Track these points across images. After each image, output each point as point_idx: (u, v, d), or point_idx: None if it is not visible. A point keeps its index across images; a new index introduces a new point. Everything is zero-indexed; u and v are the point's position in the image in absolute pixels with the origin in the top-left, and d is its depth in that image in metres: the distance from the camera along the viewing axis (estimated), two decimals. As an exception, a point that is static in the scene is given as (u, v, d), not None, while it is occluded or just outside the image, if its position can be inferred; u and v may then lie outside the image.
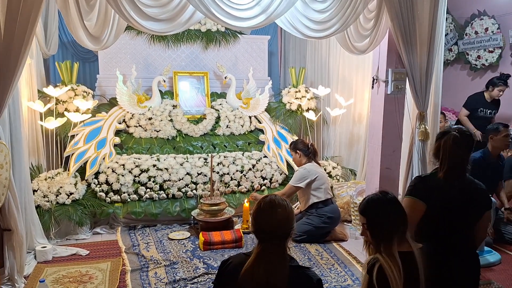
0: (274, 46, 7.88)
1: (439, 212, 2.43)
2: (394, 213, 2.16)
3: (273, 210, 1.98)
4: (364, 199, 2.31)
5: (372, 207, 2.22)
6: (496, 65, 7.68)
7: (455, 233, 2.49)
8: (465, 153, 2.55)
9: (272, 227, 1.94)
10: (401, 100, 4.56)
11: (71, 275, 3.95)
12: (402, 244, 2.12)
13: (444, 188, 2.47)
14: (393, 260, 2.03)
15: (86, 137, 5.38)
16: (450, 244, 2.48)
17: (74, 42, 6.56)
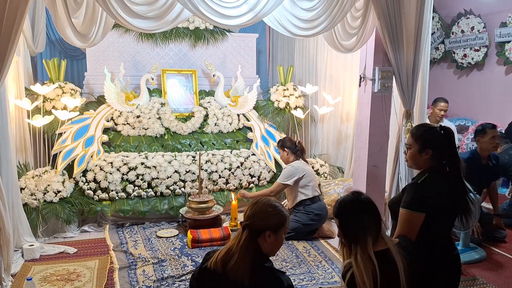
0: (262, 44, 7.89)
1: (439, 215, 2.41)
2: (367, 215, 2.16)
3: (261, 204, 2.10)
4: (337, 201, 2.31)
5: (344, 209, 2.21)
6: (482, 63, 7.77)
7: (447, 229, 2.53)
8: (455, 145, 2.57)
9: (250, 216, 2.07)
10: (388, 98, 4.60)
11: (58, 273, 3.94)
12: (378, 243, 2.13)
13: (444, 189, 2.44)
14: (368, 263, 2.04)
15: (73, 135, 5.36)
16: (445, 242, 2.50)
17: (62, 39, 6.48)
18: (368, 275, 2.01)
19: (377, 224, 2.16)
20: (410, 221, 2.41)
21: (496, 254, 4.52)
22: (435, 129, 2.55)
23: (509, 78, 7.32)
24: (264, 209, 2.07)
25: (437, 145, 2.48)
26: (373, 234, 2.12)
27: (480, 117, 7.57)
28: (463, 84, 8.24)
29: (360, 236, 2.10)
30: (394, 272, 2.07)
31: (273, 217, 2.07)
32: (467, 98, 8.09)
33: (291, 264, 4.21)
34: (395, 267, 2.06)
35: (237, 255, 1.98)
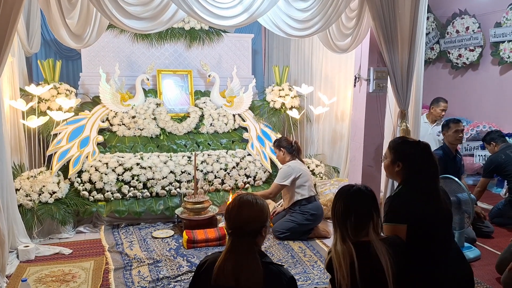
0: (258, 45, 7.90)
1: (422, 226, 2.43)
2: (352, 203, 2.22)
3: (240, 209, 2.08)
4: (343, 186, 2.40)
5: (340, 194, 2.30)
6: (476, 63, 7.81)
7: (438, 242, 2.50)
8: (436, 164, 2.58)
9: (240, 224, 2.03)
10: (383, 99, 4.62)
11: (54, 274, 3.93)
12: (364, 234, 2.17)
13: (419, 202, 2.47)
14: (347, 250, 2.09)
15: (69, 135, 5.35)
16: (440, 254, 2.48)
17: (57, 40, 6.49)
18: (346, 261, 2.05)
19: (367, 216, 2.20)
20: (392, 234, 2.44)
21: (490, 253, 4.54)
22: (410, 143, 2.60)
23: (504, 78, 7.36)
24: (251, 210, 2.07)
25: (409, 158, 2.53)
26: (358, 224, 2.16)
27: (475, 117, 7.60)
28: (458, 84, 8.27)
29: (344, 223, 2.16)
30: (378, 267, 2.08)
31: (262, 213, 2.08)
32: (462, 98, 8.12)
33: (287, 264, 4.21)
34: (380, 262, 2.08)
35: (248, 264, 1.97)
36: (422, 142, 2.60)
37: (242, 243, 2.01)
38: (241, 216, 2.05)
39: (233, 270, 1.96)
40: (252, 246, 2.02)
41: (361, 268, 2.06)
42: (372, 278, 2.08)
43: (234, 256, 1.99)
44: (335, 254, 2.11)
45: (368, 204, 2.23)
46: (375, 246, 2.12)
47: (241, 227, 2.03)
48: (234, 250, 2.00)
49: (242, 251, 2.00)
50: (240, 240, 2.02)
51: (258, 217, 2.06)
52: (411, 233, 2.40)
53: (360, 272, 2.05)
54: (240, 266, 1.96)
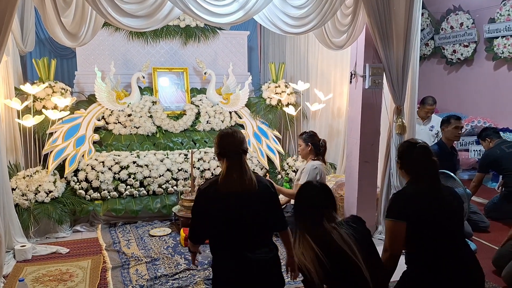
0: (253, 42, 7.89)
1: (422, 224, 2.46)
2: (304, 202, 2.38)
3: (235, 134, 2.59)
4: None
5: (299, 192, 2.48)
6: (471, 59, 7.83)
7: (446, 239, 2.51)
8: (435, 160, 2.62)
9: (235, 146, 2.53)
10: (379, 95, 4.63)
11: (51, 274, 3.92)
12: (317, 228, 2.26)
13: (422, 198, 2.50)
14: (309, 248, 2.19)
15: (64, 134, 5.34)
16: (446, 252, 2.49)
17: (52, 38, 6.45)
18: (308, 258, 2.16)
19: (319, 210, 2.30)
20: (392, 230, 2.49)
21: (486, 247, 4.57)
22: (407, 142, 2.73)
23: (498, 73, 7.38)
24: (238, 136, 2.59)
25: (403, 156, 2.64)
26: (313, 220, 2.27)
27: (469, 112, 7.62)
28: (453, 80, 8.29)
29: (299, 220, 2.33)
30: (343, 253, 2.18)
31: (245, 138, 2.62)
32: (456, 93, 8.15)
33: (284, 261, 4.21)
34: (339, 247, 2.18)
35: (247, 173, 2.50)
36: (420, 143, 2.65)
37: (239, 159, 2.51)
38: (235, 139, 2.55)
39: (239, 179, 2.46)
40: (245, 161, 2.54)
41: (328, 257, 2.16)
42: (342, 265, 2.16)
43: (236, 168, 2.48)
44: (297, 257, 2.24)
45: (318, 199, 2.34)
46: (333, 235, 2.22)
47: (236, 147, 2.53)
48: (233, 165, 2.49)
49: (241, 164, 2.50)
50: (236, 157, 2.51)
51: (245, 139, 2.62)
52: (411, 231, 2.44)
53: (328, 262, 2.15)
54: (242, 174, 2.47)
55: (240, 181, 2.46)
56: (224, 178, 2.47)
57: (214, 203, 2.49)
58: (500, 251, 4.05)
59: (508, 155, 5.29)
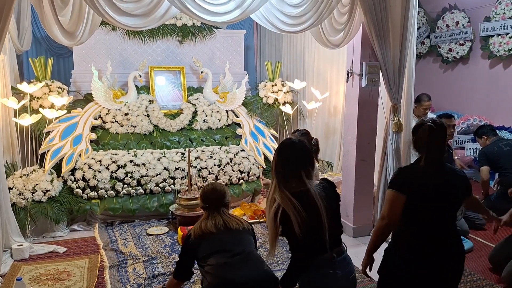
0: (250, 41, 7.90)
1: (420, 201, 2.50)
2: (294, 157, 2.39)
3: (214, 190, 2.91)
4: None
5: (277, 153, 2.46)
6: (467, 57, 7.86)
7: (438, 221, 2.55)
8: (441, 141, 2.63)
9: (216, 201, 2.87)
10: (375, 93, 4.65)
11: (48, 273, 3.92)
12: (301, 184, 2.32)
13: (424, 177, 2.54)
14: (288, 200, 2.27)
15: (61, 133, 5.33)
16: (434, 234, 2.54)
17: (48, 37, 6.46)
18: (292, 209, 2.23)
19: (297, 165, 2.36)
20: (391, 201, 2.54)
21: (482, 245, 4.59)
22: (420, 123, 2.69)
23: (493, 71, 7.41)
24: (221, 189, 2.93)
25: (414, 135, 2.67)
26: (290, 173, 2.34)
27: (465, 110, 7.65)
28: (449, 78, 8.32)
29: (278, 173, 2.37)
30: (315, 210, 2.27)
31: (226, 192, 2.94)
32: (452, 91, 8.18)
33: (282, 259, 4.23)
34: (316, 205, 2.27)
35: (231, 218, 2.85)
36: (427, 123, 2.64)
37: (220, 212, 2.84)
38: (216, 194, 2.89)
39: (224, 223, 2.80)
40: (227, 209, 2.90)
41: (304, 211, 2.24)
42: (312, 221, 2.25)
43: (216, 219, 2.81)
44: (282, 200, 2.28)
45: (299, 155, 2.39)
46: (311, 191, 2.30)
47: (217, 202, 2.86)
48: (214, 217, 2.81)
49: (221, 216, 2.83)
50: (218, 211, 2.84)
51: (226, 193, 2.92)
52: (409, 205, 2.50)
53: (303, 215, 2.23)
54: (225, 219, 2.82)
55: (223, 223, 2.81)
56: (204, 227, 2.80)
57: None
58: (495, 249, 4.07)
59: (506, 153, 5.31)
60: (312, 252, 2.32)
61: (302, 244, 2.28)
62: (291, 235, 2.28)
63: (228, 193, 2.94)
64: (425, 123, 2.65)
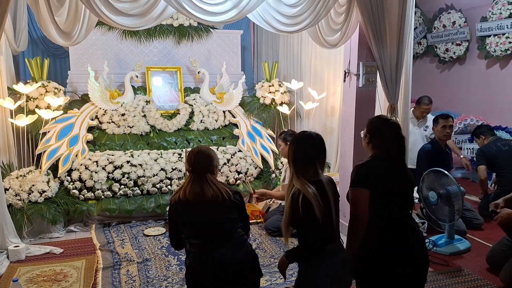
0: (247, 41, 7.89)
1: (383, 194, 2.55)
2: (311, 148, 2.51)
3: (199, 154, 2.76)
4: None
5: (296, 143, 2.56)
6: (463, 58, 7.87)
7: (400, 213, 2.63)
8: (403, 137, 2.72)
9: (201, 164, 2.73)
10: (373, 93, 4.64)
11: (45, 274, 3.91)
12: (315, 175, 2.46)
13: (385, 171, 2.60)
14: (308, 187, 2.38)
15: (58, 134, 5.31)
16: (399, 225, 2.61)
17: (44, 38, 6.47)
18: (312, 195, 2.36)
19: (318, 159, 2.49)
20: (357, 198, 2.58)
21: (480, 245, 4.59)
22: (381, 118, 2.80)
23: (490, 71, 7.42)
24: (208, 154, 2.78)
25: (376, 132, 2.69)
26: (307, 164, 2.47)
27: (462, 110, 7.66)
28: (445, 78, 8.33)
29: (296, 162, 2.48)
30: (327, 200, 2.41)
31: (213, 157, 2.80)
32: (449, 91, 8.19)
33: (279, 259, 4.22)
34: (327, 195, 2.42)
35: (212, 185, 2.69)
36: (393, 120, 2.78)
37: (203, 178, 2.69)
38: (201, 158, 2.73)
39: (200, 188, 2.66)
40: (213, 176, 2.75)
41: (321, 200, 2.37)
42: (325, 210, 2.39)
43: (198, 184, 2.67)
44: (302, 186, 2.38)
45: (315, 147, 2.51)
46: (324, 182, 2.45)
47: (201, 166, 2.71)
48: (197, 182, 2.68)
49: (204, 181, 2.68)
50: (201, 176, 2.69)
51: (212, 159, 2.77)
52: (374, 199, 2.54)
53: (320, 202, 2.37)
54: (203, 190, 2.66)
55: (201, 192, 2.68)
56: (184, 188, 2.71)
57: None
58: (493, 249, 4.08)
59: (504, 153, 5.31)
60: (325, 239, 2.44)
61: (320, 230, 2.39)
62: (310, 220, 2.37)
63: (215, 157, 2.80)
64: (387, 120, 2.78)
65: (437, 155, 4.92)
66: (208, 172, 2.72)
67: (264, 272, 3.87)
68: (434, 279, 3.85)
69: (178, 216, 2.71)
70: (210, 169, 2.75)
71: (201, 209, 2.65)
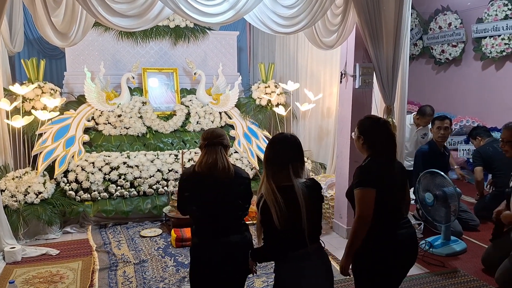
0: (243, 42, 7.90)
1: (386, 193, 2.60)
2: (285, 150, 2.47)
3: (214, 130, 2.84)
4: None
5: (270, 144, 2.55)
6: (459, 59, 7.89)
7: (395, 210, 2.69)
8: (394, 135, 2.77)
9: (215, 138, 2.77)
10: (369, 94, 4.65)
11: (41, 276, 3.90)
12: (286, 179, 2.39)
13: (385, 170, 2.65)
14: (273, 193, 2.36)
15: (54, 135, 5.30)
16: (395, 222, 2.67)
17: (40, 39, 6.45)
18: (274, 202, 2.32)
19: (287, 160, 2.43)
20: (364, 198, 2.59)
21: (476, 246, 4.61)
22: (371, 118, 2.81)
23: (486, 73, 7.45)
24: (221, 131, 2.84)
25: (368, 131, 2.72)
26: (279, 167, 2.43)
27: (458, 112, 7.69)
28: (441, 80, 8.35)
29: (268, 165, 2.46)
30: (296, 205, 2.35)
31: (225, 135, 2.83)
32: (445, 93, 8.21)
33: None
34: (297, 200, 2.35)
35: (224, 161, 2.72)
36: (383, 119, 2.80)
37: (217, 149, 2.74)
38: (215, 133, 2.80)
39: (214, 161, 2.70)
40: (225, 151, 2.77)
41: (290, 207, 2.33)
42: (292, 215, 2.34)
43: (212, 155, 2.71)
44: (265, 192, 2.37)
45: (289, 150, 2.46)
46: (296, 187, 2.37)
47: (216, 139, 2.76)
48: (211, 153, 2.72)
49: (218, 152, 2.73)
50: (215, 148, 2.74)
51: (225, 136, 2.82)
52: (379, 197, 2.57)
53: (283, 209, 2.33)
54: (216, 161, 2.70)
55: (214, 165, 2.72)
56: (201, 161, 2.75)
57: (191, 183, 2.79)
58: (488, 250, 4.09)
59: (500, 154, 5.30)
60: (290, 245, 2.40)
61: (279, 236, 2.37)
62: (268, 226, 2.38)
63: (227, 137, 2.86)
64: (377, 119, 2.79)
65: (434, 157, 4.93)
66: (221, 145, 2.78)
67: (261, 273, 3.88)
68: (430, 280, 3.86)
69: (188, 190, 2.77)
70: (223, 143, 2.80)
71: (212, 185, 2.71)
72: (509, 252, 3.71)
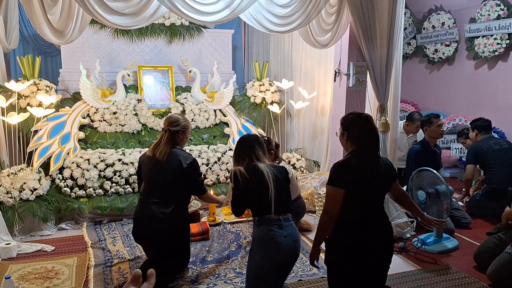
0: (237, 40, 7.92)
1: (357, 192, 2.65)
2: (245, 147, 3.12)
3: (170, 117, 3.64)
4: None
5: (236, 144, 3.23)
6: (452, 58, 7.96)
7: (371, 208, 2.74)
8: (377, 131, 2.82)
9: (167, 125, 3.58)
10: (363, 93, 4.70)
11: (36, 271, 3.91)
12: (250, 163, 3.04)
13: (361, 169, 2.68)
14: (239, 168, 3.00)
15: (49, 132, 5.31)
16: (369, 219, 2.73)
17: (36, 36, 6.45)
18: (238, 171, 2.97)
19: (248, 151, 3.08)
20: (331, 196, 2.69)
21: (468, 244, 4.66)
22: (353, 114, 2.86)
23: (479, 72, 7.52)
24: (177, 119, 3.60)
25: (351, 127, 2.78)
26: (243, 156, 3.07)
27: (450, 111, 7.75)
28: (434, 79, 8.42)
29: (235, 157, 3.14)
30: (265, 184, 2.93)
31: (181, 122, 3.59)
32: (438, 92, 8.28)
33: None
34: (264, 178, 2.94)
35: (163, 146, 3.51)
36: (365, 114, 2.85)
37: (166, 135, 3.54)
38: (168, 120, 3.58)
39: (153, 148, 3.56)
40: (171, 138, 3.55)
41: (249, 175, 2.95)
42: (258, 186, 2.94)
43: (158, 142, 3.56)
44: (235, 168, 3.02)
45: (246, 145, 3.13)
46: (260, 166, 2.99)
47: (165, 126, 3.56)
48: (160, 139, 3.57)
49: (164, 139, 3.55)
50: (166, 133, 3.54)
51: (179, 124, 3.58)
52: (347, 197, 2.64)
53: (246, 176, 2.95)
54: (158, 146, 3.55)
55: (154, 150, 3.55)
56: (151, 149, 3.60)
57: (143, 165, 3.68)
58: (480, 247, 4.14)
59: (495, 152, 5.38)
60: (259, 211, 2.97)
61: (246, 201, 3.00)
62: (236, 189, 2.97)
63: (179, 123, 3.57)
64: (359, 115, 2.83)
65: (426, 155, 4.98)
66: (168, 131, 3.53)
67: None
68: (422, 277, 3.91)
69: (139, 168, 3.69)
70: (169, 129, 3.53)
71: (150, 163, 3.56)
72: (501, 249, 3.77)
